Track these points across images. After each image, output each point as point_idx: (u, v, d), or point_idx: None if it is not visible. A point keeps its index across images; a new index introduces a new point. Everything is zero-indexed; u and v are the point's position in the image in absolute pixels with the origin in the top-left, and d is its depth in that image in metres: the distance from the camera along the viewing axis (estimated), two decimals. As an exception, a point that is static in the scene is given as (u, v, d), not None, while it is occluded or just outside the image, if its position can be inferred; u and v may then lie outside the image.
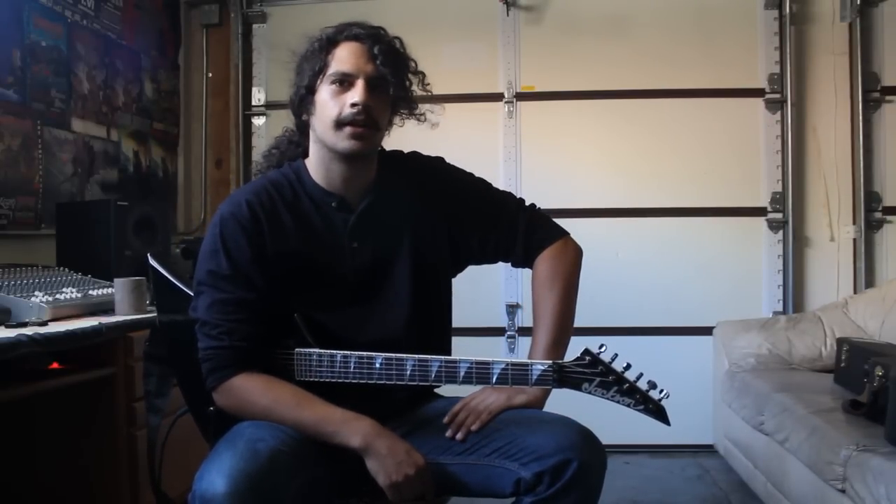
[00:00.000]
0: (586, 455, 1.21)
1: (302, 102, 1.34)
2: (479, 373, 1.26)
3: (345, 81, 1.30)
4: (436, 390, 1.51)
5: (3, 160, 2.36)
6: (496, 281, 3.38)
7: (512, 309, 3.41)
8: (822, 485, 1.94)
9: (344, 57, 1.30)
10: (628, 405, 1.23)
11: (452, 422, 1.34)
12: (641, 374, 1.23)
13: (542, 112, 3.43)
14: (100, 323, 1.84)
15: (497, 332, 3.41)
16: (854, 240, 3.31)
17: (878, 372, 1.99)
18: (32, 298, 1.86)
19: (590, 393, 1.23)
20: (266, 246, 1.33)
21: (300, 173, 1.39)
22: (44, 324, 1.78)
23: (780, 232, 3.33)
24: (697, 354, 3.23)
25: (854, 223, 3.31)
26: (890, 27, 3.27)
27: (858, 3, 3.20)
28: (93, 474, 1.92)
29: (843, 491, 1.84)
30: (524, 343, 3.40)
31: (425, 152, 1.51)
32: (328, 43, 1.31)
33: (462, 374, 1.26)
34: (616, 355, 1.24)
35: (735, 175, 3.36)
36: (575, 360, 1.24)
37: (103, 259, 2.35)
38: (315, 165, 1.38)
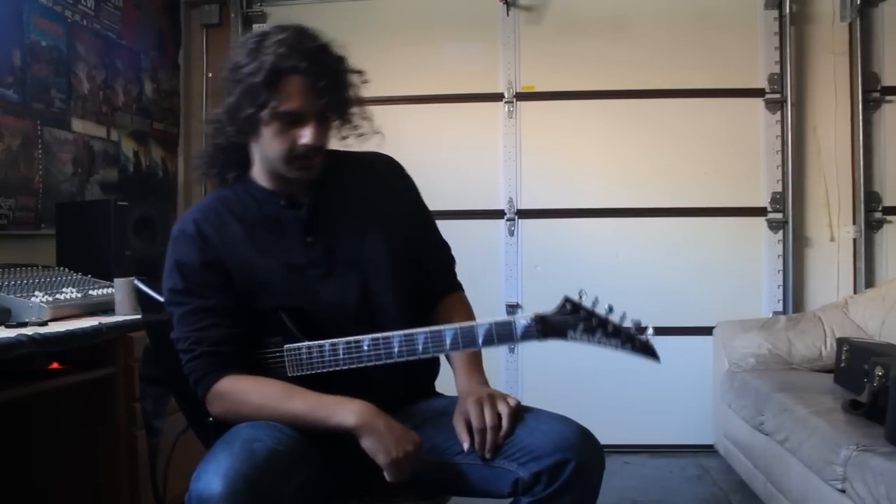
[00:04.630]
0: (584, 455, 1.21)
1: (243, 127, 1.32)
2: (465, 336, 1.27)
3: (292, 118, 1.29)
4: (434, 384, 1.51)
5: (3, 160, 2.36)
6: (496, 281, 3.38)
7: (512, 309, 3.40)
8: (822, 485, 1.94)
9: (292, 94, 1.27)
10: (615, 347, 1.23)
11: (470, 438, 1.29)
12: (625, 314, 1.23)
13: (542, 112, 3.43)
14: (100, 323, 1.84)
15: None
16: (854, 240, 3.31)
17: (878, 372, 1.99)
18: (32, 298, 1.86)
19: (576, 340, 1.23)
20: (217, 252, 1.35)
21: (247, 183, 1.41)
22: (44, 324, 1.78)
23: (780, 232, 3.33)
24: (697, 354, 3.23)
25: (854, 223, 3.31)
26: (890, 27, 3.27)
27: (858, 3, 3.21)
28: (93, 474, 1.93)
29: (843, 491, 1.84)
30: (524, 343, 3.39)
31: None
32: (271, 75, 1.27)
33: (449, 341, 1.26)
34: (597, 299, 1.24)
35: (735, 175, 3.36)
36: (556, 309, 1.24)
37: (103, 259, 2.35)
38: (261, 172, 1.40)
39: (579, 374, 3.28)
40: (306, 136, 1.29)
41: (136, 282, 1.52)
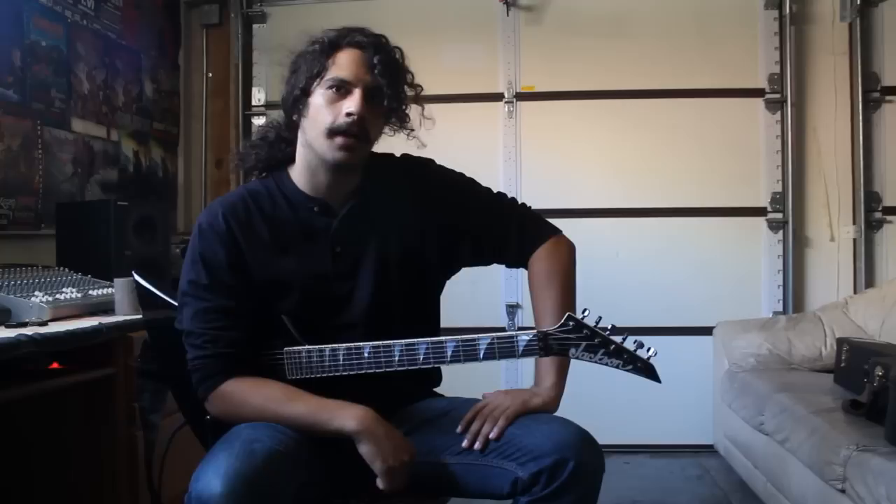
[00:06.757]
0: (583, 455, 1.20)
1: (295, 103, 1.33)
2: (466, 349, 1.26)
3: (342, 88, 1.29)
4: (435, 388, 1.51)
5: (3, 160, 2.36)
6: (496, 281, 3.38)
7: (512, 309, 3.40)
8: (822, 485, 1.94)
9: (344, 63, 1.29)
10: (617, 366, 1.23)
11: (466, 430, 1.31)
12: (627, 335, 1.23)
13: (542, 112, 3.43)
14: (100, 323, 1.84)
15: (497, 332, 3.40)
16: (854, 240, 3.31)
17: (878, 372, 1.99)
18: (32, 298, 1.86)
19: (577, 358, 1.24)
20: (243, 254, 1.33)
21: (282, 180, 1.39)
22: (44, 324, 1.78)
23: (780, 232, 3.33)
24: (697, 354, 3.23)
25: (854, 223, 3.31)
26: (890, 27, 3.27)
27: (858, 3, 3.21)
28: (93, 474, 1.92)
29: (843, 491, 1.84)
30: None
31: (426, 153, 1.49)
32: (330, 47, 1.30)
33: (450, 353, 1.26)
34: (600, 318, 1.23)
35: (735, 175, 3.37)
36: (559, 326, 1.24)
37: (103, 259, 2.34)
38: (300, 170, 1.37)
39: (579, 374, 3.26)
40: (350, 105, 1.28)
41: (135, 276, 1.51)
